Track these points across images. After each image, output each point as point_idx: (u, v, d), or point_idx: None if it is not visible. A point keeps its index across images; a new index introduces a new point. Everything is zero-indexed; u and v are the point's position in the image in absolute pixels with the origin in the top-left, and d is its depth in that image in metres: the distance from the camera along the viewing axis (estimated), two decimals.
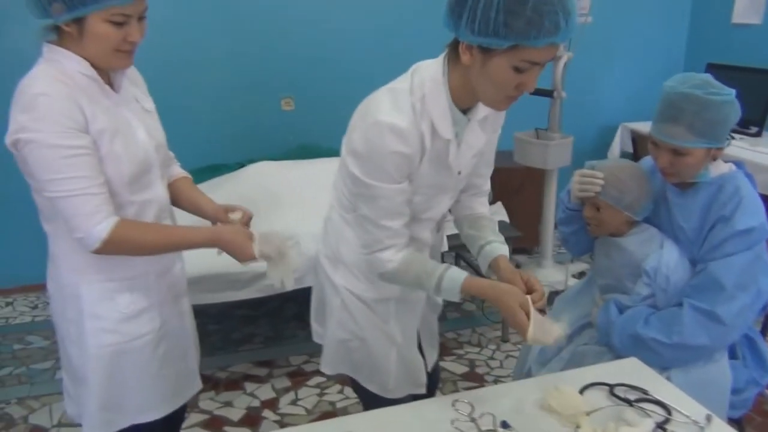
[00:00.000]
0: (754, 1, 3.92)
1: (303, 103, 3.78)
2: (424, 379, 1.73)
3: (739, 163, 1.80)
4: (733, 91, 1.65)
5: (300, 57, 3.70)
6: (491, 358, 3.04)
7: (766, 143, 3.46)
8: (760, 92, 3.65)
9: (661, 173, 1.75)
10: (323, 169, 3.20)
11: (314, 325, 1.80)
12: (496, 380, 2.85)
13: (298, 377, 2.88)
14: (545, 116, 3.32)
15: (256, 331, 3.26)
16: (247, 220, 1.66)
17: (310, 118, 3.80)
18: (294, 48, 3.67)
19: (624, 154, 4.14)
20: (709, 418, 1.37)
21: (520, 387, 1.53)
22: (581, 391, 1.45)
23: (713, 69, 3.97)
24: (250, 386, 2.81)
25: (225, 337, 3.18)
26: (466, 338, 3.19)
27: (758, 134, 3.63)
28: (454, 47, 1.34)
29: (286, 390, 2.79)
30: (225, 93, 3.63)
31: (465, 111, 1.42)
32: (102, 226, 1.34)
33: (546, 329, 1.35)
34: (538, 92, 3.21)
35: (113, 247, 1.36)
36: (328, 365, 1.71)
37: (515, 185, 3.57)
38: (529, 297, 1.38)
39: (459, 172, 1.51)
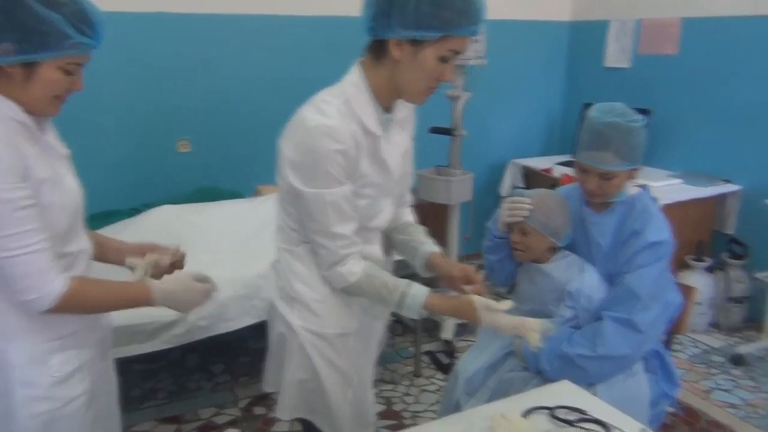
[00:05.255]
0: (623, 47, 4.30)
1: (200, 144, 3.67)
2: (373, 418, 1.71)
3: (644, 186, 1.97)
4: (643, 117, 1.84)
5: (196, 97, 3.59)
6: (406, 394, 3.03)
7: (641, 175, 3.73)
8: None
9: (589, 196, 1.89)
10: (229, 210, 3.12)
11: (268, 375, 1.74)
12: (414, 416, 2.85)
13: (210, 431, 2.72)
14: (444, 154, 3.43)
15: (158, 386, 3.06)
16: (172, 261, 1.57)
17: (208, 160, 3.69)
18: (190, 88, 3.57)
19: (515, 189, 4.35)
20: None
21: (465, 418, 1.54)
22: (524, 417, 1.48)
23: (589, 108, 4.29)
24: None
25: (124, 394, 2.93)
26: (379, 376, 3.16)
27: None
28: (373, 50, 1.44)
29: None
30: (116, 135, 3.45)
31: (387, 111, 1.51)
32: (58, 283, 1.25)
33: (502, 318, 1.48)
34: (439, 131, 3.32)
35: (69, 304, 1.27)
36: (285, 410, 1.65)
37: (419, 221, 3.63)
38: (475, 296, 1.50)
39: (394, 175, 1.56)
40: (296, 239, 1.55)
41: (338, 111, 1.41)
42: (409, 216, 1.79)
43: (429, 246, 1.68)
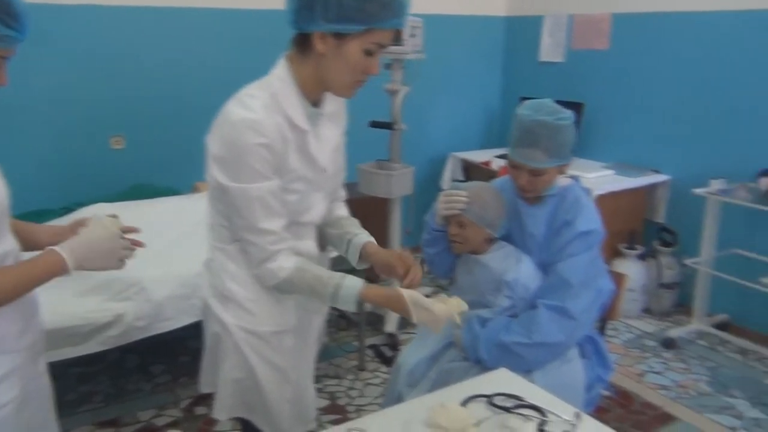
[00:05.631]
0: (557, 42, 4.41)
1: (134, 141, 3.58)
2: (314, 414, 1.71)
3: (576, 177, 2.02)
4: (572, 114, 1.87)
5: (130, 93, 3.50)
6: (351, 388, 3.04)
7: (575, 167, 3.84)
8: None
9: (521, 191, 1.93)
10: (165, 208, 3.06)
11: (204, 376, 1.70)
12: (358, 409, 2.86)
13: None
14: (384, 148, 3.44)
15: (96, 389, 2.98)
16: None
17: (143, 157, 3.60)
18: (123, 83, 3.47)
19: (455, 182, 4.40)
20: (578, 416, 1.48)
21: (405, 409, 1.55)
22: (463, 405, 1.51)
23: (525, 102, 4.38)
24: None
25: (58, 399, 2.85)
26: (323, 371, 3.16)
27: None
28: (298, 44, 1.43)
29: None
30: (46, 132, 3.33)
31: (315, 105, 1.49)
32: None
33: (433, 314, 1.46)
34: (379, 125, 3.33)
35: None
36: (222, 410, 1.62)
37: (360, 216, 3.61)
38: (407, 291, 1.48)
39: (325, 170, 1.54)
40: (228, 237, 1.52)
41: (263, 105, 1.39)
42: (342, 210, 1.77)
43: (363, 236, 1.67)
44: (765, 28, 3.33)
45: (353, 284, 1.48)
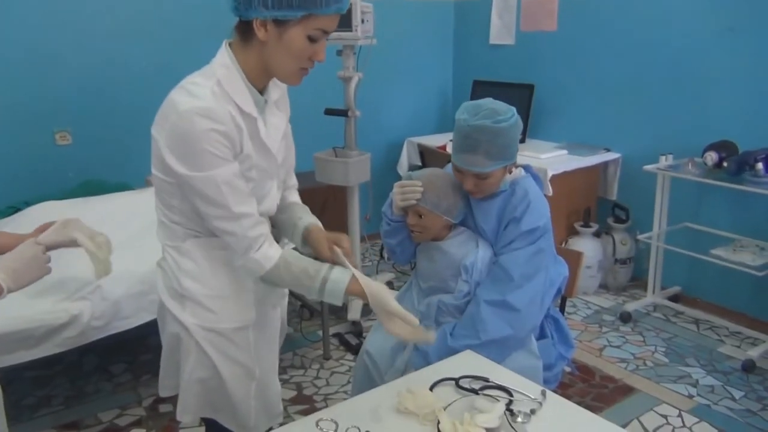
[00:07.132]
0: (507, 24, 4.43)
1: (81, 136, 3.47)
2: (281, 408, 1.69)
3: (527, 167, 2.02)
4: (514, 110, 1.84)
5: (73, 85, 3.40)
6: (317, 377, 3.03)
7: (528, 148, 3.91)
8: (518, 104, 4.10)
9: (469, 194, 1.92)
10: (118, 204, 2.98)
11: (164, 379, 1.65)
12: (325, 398, 2.85)
13: None
14: (340, 136, 3.42)
15: (54, 392, 2.90)
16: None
17: (91, 152, 3.50)
18: (66, 76, 3.37)
19: (412, 167, 4.41)
20: (544, 394, 1.51)
21: (373, 396, 1.55)
22: (431, 389, 1.52)
23: (478, 85, 4.41)
24: None
25: (14, 404, 2.78)
26: (289, 362, 3.15)
27: (521, 141, 4.08)
28: (241, 31, 1.38)
29: None
30: None
31: (261, 92, 1.46)
32: None
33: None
34: (333, 112, 3.31)
35: None
36: (186, 412, 1.58)
37: (319, 204, 3.61)
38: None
39: (276, 157, 1.51)
40: (181, 234, 1.48)
41: (211, 92, 1.34)
42: (292, 197, 1.74)
43: (306, 220, 1.63)
44: (709, 9, 3.41)
45: (340, 278, 1.44)
